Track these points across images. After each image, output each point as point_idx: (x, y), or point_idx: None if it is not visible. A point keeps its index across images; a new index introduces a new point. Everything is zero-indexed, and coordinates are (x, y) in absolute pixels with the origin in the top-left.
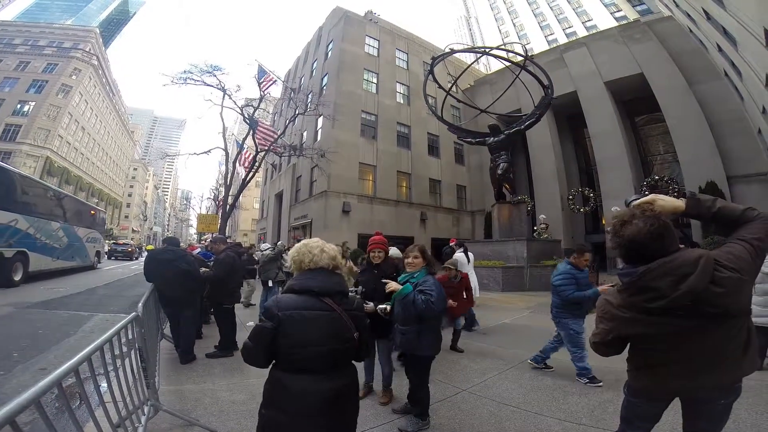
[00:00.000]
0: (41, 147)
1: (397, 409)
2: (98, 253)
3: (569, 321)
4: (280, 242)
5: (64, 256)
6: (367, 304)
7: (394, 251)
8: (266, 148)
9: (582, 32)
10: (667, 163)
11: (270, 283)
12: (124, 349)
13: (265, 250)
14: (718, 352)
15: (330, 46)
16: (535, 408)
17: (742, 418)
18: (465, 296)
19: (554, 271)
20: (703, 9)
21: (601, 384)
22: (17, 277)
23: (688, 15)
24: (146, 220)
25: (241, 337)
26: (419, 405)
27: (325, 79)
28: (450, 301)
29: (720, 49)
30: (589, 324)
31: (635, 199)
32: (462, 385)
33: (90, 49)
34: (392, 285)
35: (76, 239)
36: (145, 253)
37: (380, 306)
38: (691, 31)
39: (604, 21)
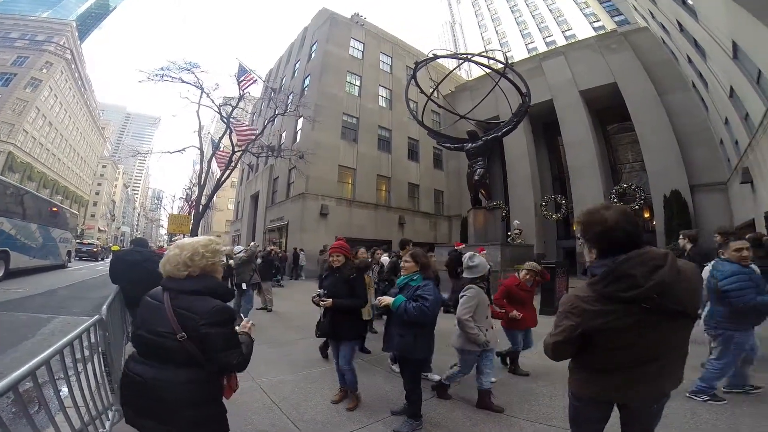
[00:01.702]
0: (3, 141)
1: (397, 411)
2: (69, 253)
3: (735, 333)
4: (253, 243)
5: (39, 255)
6: (324, 301)
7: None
8: (245, 147)
9: (561, 41)
10: (636, 171)
11: (244, 286)
12: (86, 353)
13: (238, 252)
14: (672, 355)
15: (314, 47)
16: (508, 410)
17: (701, 418)
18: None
19: (714, 274)
20: (677, 21)
21: (725, 402)
22: (0, 273)
23: (663, 26)
24: (114, 219)
25: None
26: (413, 406)
27: (308, 80)
28: (514, 312)
29: (690, 61)
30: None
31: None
32: None
33: (64, 43)
34: (384, 300)
35: (50, 239)
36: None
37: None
38: (664, 42)
39: (584, 31)
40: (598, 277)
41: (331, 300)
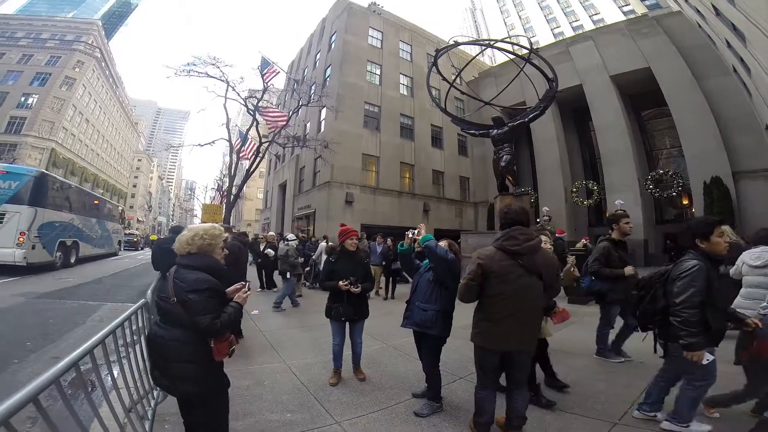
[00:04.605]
0: (46, 139)
1: (417, 393)
2: (120, 242)
3: None
4: (325, 235)
5: (98, 244)
6: (357, 287)
7: None
8: (275, 132)
9: (589, 26)
10: (673, 157)
11: (288, 275)
12: (135, 336)
13: (291, 240)
14: (526, 309)
15: (333, 38)
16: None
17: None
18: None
19: None
20: (712, 4)
21: None
22: (72, 260)
23: (697, 10)
24: (151, 210)
25: (247, 325)
26: (433, 389)
27: (329, 71)
28: None
29: (729, 45)
30: None
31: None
32: (460, 373)
33: (93, 42)
34: (421, 229)
35: (106, 231)
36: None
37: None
38: (699, 26)
39: (612, 15)
40: (498, 237)
41: (361, 287)
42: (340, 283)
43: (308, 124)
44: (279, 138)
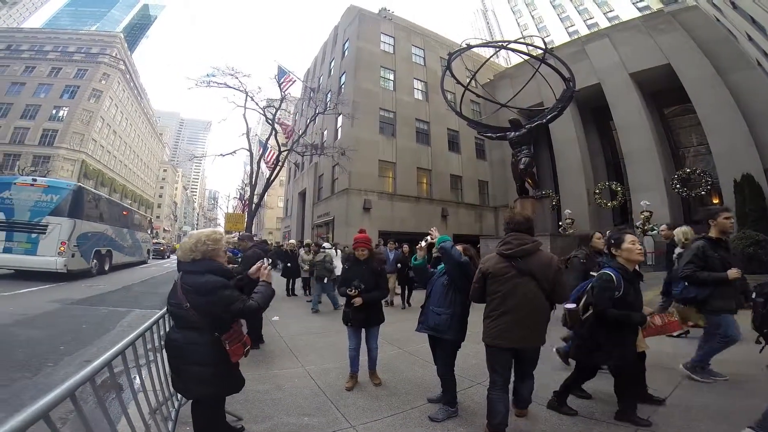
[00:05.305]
0: (77, 151)
1: (433, 398)
2: (149, 251)
3: None
4: (335, 243)
5: (129, 253)
6: (350, 290)
7: None
8: (291, 141)
9: (604, 23)
10: (701, 155)
11: (326, 280)
12: (161, 342)
13: (329, 248)
14: (524, 308)
15: (346, 45)
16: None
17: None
18: None
19: None
20: None
21: None
22: (107, 267)
23: (714, 4)
24: (176, 219)
25: (267, 331)
26: (448, 393)
27: (343, 78)
28: None
29: (750, 39)
30: None
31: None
32: (477, 378)
33: (116, 54)
34: (434, 232)
35: (136, 240)
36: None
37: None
38: (718, 20)
39: (627, 12)
40: (498, 243)
41: (360, 299)
42: (348, 288)
43: (325, 132)
44: (297, 146)
